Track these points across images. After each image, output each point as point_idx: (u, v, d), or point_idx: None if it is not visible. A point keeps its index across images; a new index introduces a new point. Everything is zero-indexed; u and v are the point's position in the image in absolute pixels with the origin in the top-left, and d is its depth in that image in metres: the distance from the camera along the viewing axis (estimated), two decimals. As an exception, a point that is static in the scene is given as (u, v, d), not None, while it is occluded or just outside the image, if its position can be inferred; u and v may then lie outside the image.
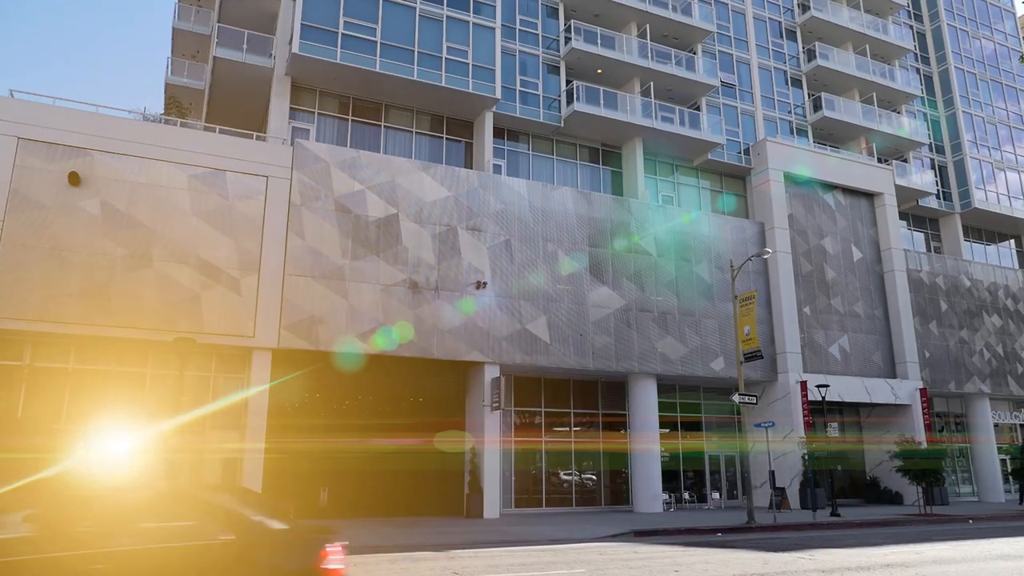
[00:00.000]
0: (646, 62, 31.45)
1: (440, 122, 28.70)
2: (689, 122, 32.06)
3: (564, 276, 27.15)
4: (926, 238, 39.97)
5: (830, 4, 38.52)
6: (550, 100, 30.17)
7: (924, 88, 41.79)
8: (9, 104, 20.86)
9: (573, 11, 31.72)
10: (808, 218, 33.80)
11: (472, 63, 27.63)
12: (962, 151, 40.45)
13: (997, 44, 45.02)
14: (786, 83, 36.83)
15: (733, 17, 36.21)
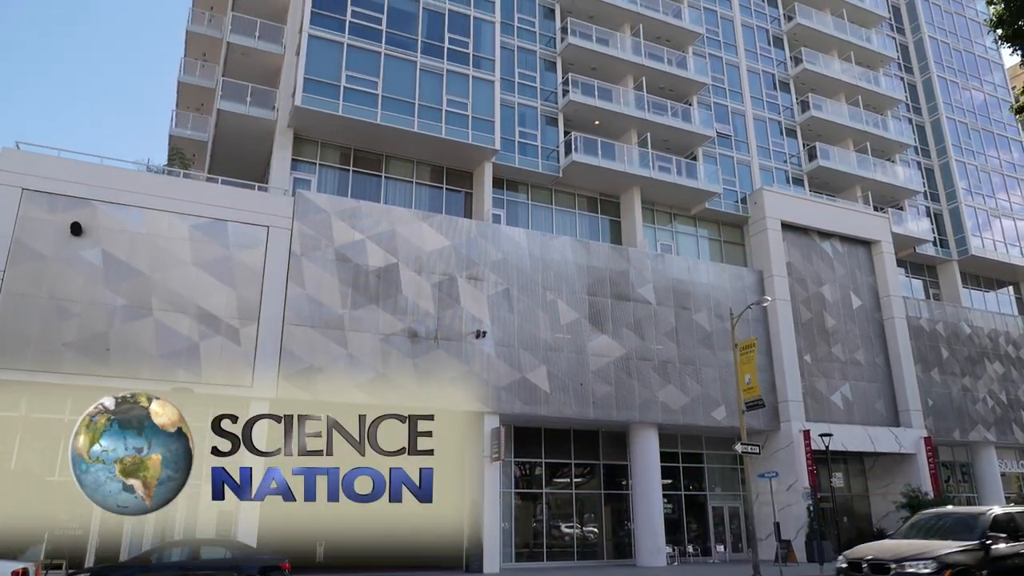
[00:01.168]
0: (643, 113, 31.98)
1: (440, 172, 29.03)
2: (686, 172, 32.44)
3: (564, 325, 27.12)
4: (925, 285, 40.07)
5: (822, 57, 39.36)
6: (549, 151, 30.58)
7: (917, 137, 42.42)
8: (14, 156, 21.12)
9: (571, 64, 32.38)
10: (806, 266, 33.94)
11: (472, 115, 28.09)
12: (957, 199, 40.85)
13: (987, 95, 45.87)
14: (781, 133, 37.40)
15: (727, 69, 36.95)
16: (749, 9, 39.20)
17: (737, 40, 37.91)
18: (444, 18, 29.06)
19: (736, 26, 38.19)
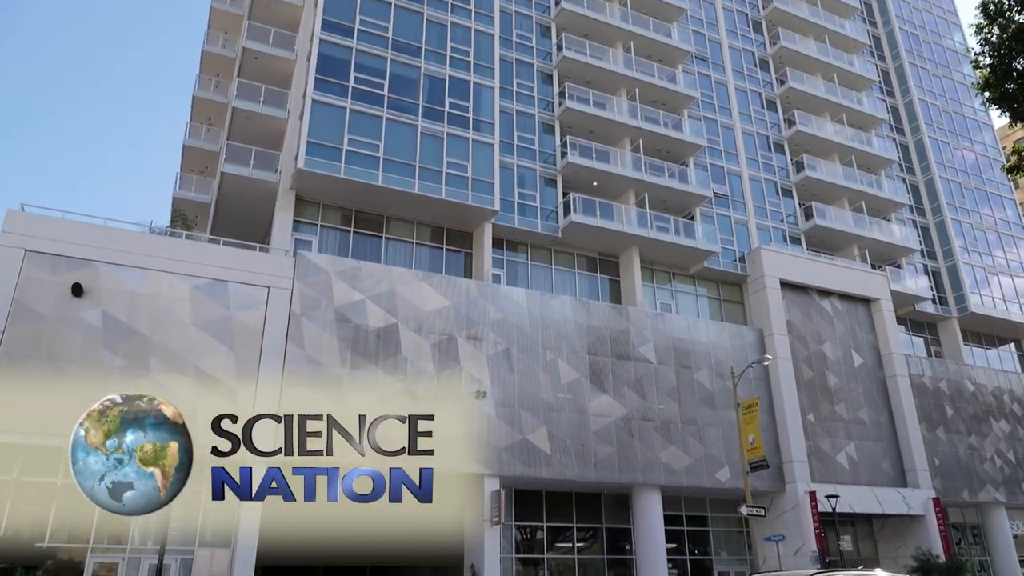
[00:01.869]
0: (640, 175, 32.46)
1: (440, 233, 29.28)
2: (684, 231, 32.73)
3: (564, 385, 26.92)
4: (926, 343, 39.95)
5: (814, 119, 40.18)
6: (548, 211, 30.92)
7: (911, 196, 42.94)
8: (19, 218, 21.34)
9: (569, 127, 33.02)
10: (806, 324, 33.90)
11: (472, 177, 28.51)
12: (953, 257, 41.10)
13: (978, 155, 46.65)
14: (777, 193, 37.88)
15: (722, 131, 37.66)
16: (742, 73, 40.20)
17: (731, 103, 38.75)
18: (444, 83, 29.78)
19: (730, 90, 39.09)
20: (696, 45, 38.77)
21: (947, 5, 52.48)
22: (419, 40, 30.07)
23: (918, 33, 48.81)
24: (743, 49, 41.12)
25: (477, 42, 31.45)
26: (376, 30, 29.29)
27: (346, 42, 28.41)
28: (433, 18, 30.82)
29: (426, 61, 29.82)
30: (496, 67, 31.42)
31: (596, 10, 35.57)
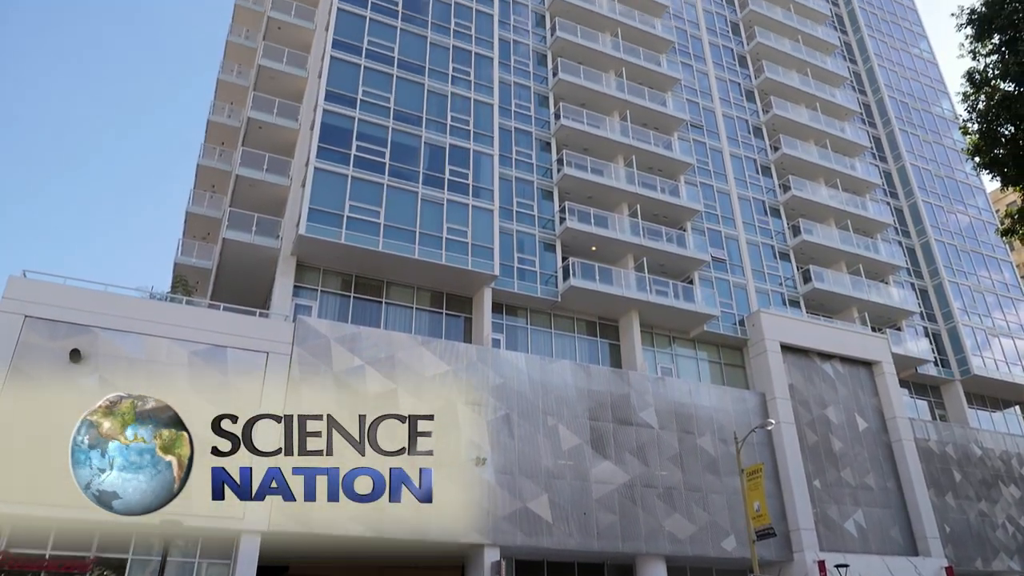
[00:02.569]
0: (638, 239, 32.76)
1: (440, 298, 29.35)
2: (683, 295, 32.83)
3: (565, 451, 26.53)
4: (930, 406, 39.56)
5: (809, 184, 40.80)
6: (547, 276, 31.07)
7: (908, 259, 43.23)
8: (20, 284, 21.42)
9: (567, 193, 33.49)
10: (809, 387, 33.64)
11: (471, 242, 28.76)
12: (953, 319, 41.09)
13: (972, 218, 47.17)
14: (775, 257, 38.15)
15: (719, 196, 38.19)
16: (736, 140, 41.03)
17: (726, 169, 39.42)
18: (445, 151, 30.37)
19: (725, 156, 39.83)
20: (691, 113, 39.71)
21: (934, 74, 53.95)
22: (420, 110, 30.80)
23: (907, 101, 50.03)
24: (737, 117, 42.07)
25: (477, 111, 32.21)
26: (378, 100, 30.03)
27: (349, 112, 29.09)
28: (434, 89, 31.64)
29: (427, 130, 30.48)
30: (495, 135, 32.09)
31: (592, 80, 36.56)
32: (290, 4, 33.97)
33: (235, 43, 36.59)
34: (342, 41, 30.57)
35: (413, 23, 32.89)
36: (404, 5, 33.05)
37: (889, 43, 52.67)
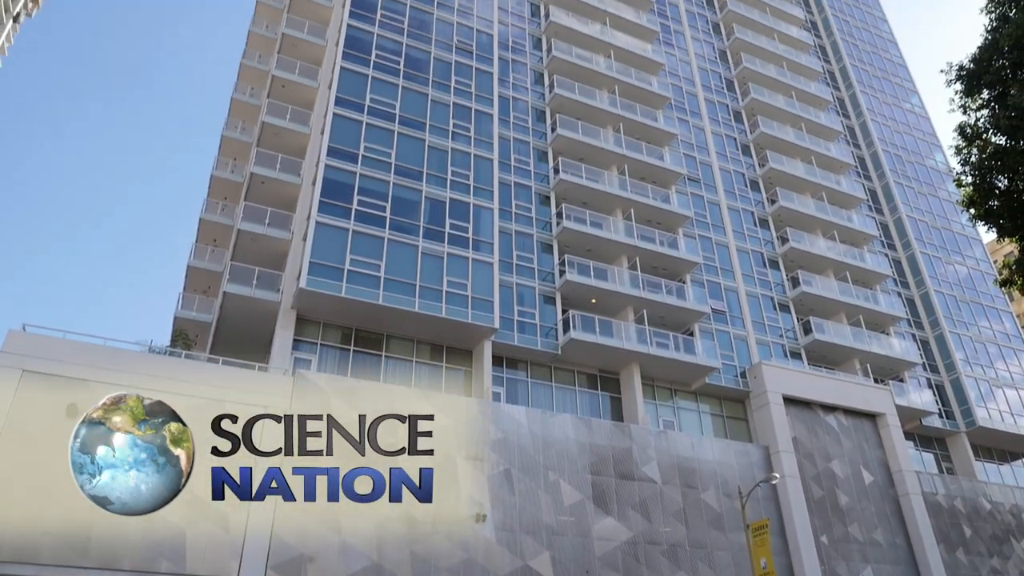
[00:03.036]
0: (638, 291, 32.82)
1: (440, 351, 29.25)
2: (684, 348, 32.72)
3: (567, 507, 26.07)
4: (936, 459, 39.03)
5: (807, 236, 41.07)
6: (547, 329, 31.03)
7: (908, 310, 43.22)
8: (19, 338, 21.37)
9: (567, 246, 33.69)
10: (813, 440, 33.25)
11: (471, 295, 28.82)
12: (956, 370, 40.86)
13: (970, 269, 47.34)
14: (774, 308, 38.16)
15: (718, 249, 38.41)
16: (733, 193, 41.48)
17: (724, 221, 39.75)
18: (445, 205, 30.68)
19: (722, 209, 40.20)
20: (688, 167, 40.25)
21: (926, 128, 54.86)
22: (421, 165, 31.24)
23: (901, 154, 50.75)
24: (733, 170, 42.62)
25: (477, 166, 32.66)
26: (380, 155, 30.49)
27: (350, 167, 29.50)
28: (434, 144, 32.15)
29: (427, 184, 30.86)
30: (495, 189, 32.47)
31: (591, 136, 37.17)
32: (294, 63, 34.77)
33: (240, 101, 37.32)
34: (345, 99, 31.20)
35: (414, 81, 33.63)
36: (406, 64, 33.85)
37: (881, 98, 53.72)
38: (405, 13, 35.77)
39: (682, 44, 47.22)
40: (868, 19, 60.06)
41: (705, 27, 49.70)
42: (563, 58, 39.34)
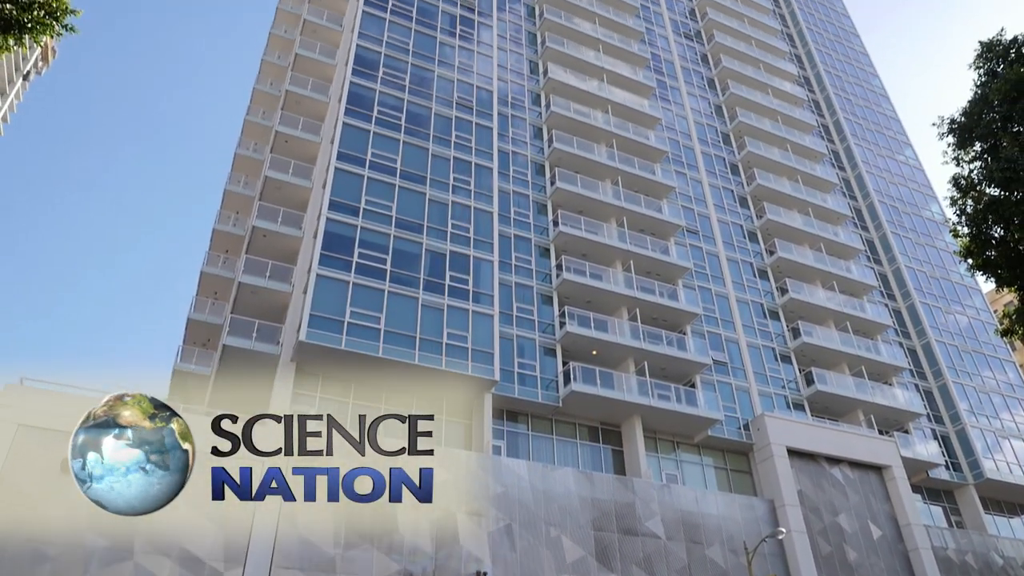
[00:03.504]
0: (639, 343, 32.71)
1: (440, 404, 29.02)
2: (686, 399, 32.46)
3: (569, 564, 25.50)
4: (944, 512, 38.30)
5: (806, 286, 41.15)
6: (548, 381, 30.84)
7: (910, 361, 43.00)
8: (17, 391, 21.26)
9: (567, 297, 33.74)
10: (819, 494, 32.70)
11: (472, 347, 28.73)
12: (961, 421, 40.43)
13: (971, 318, 47.26)
14: (776, 359, 37.98)
15: (717, 300, 38.44)
16: (732, 245, 41.72)
17: (724, 273, 39.88)
18: (445, 258, 30.84)
19: (721, 260, 40.38)
20: (686, 219, 40.59)
21: (921, 179, 55.49)
22: (421, 218, 31.52)
23: (897, 205, 51.22)
24: (732, 222, 42.96)
25: (477, 219, 32.95)
26: (381, 209, 30.79)
27: (351, 220, 29.76)
28: (435, 198, 32.50)
29: (428, 237, 31.08)
30: (495, 242, 32.68)
31: (590, 188, 37.60)
32: (297, 119, 35.41)
33: (243, 155, 37.86)
34: (347, 153, 31.68)
35: (415, 136, 34.19)
36: (407, 119, 34.46)
37: (875, 151, 54.49)
38: (407, 71, 36.60)
39: (678, 99, 48.14)
40: (860, 74, 61.37)
41: (700, 83, 50.76)
42: (562, 113, 40.07)
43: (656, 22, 52.61)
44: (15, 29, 10.94)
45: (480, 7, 42.80)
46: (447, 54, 39.03)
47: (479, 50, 40.56)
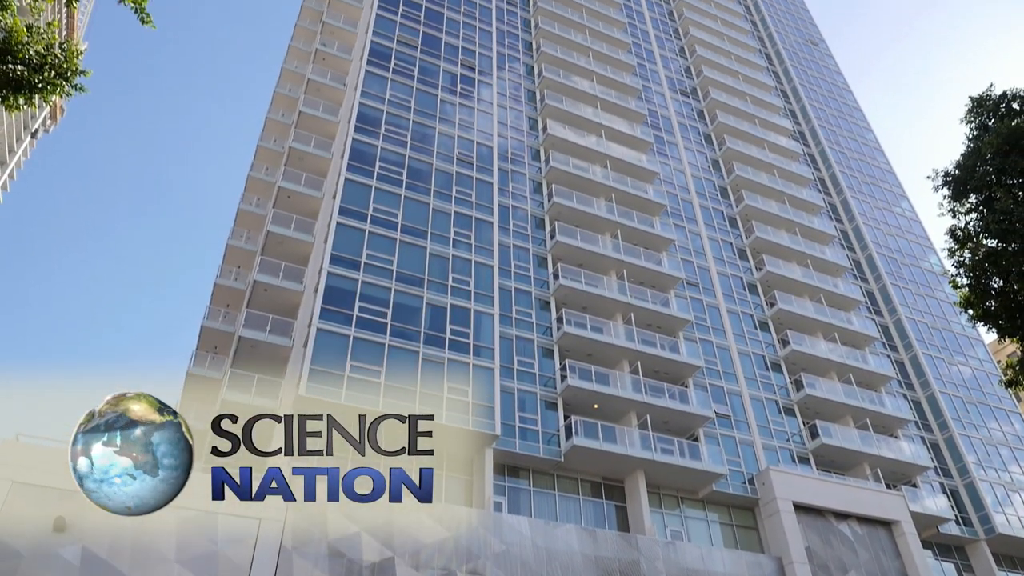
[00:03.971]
0: (640, 396, 32.46)
1: (440, 460, 28.64)
2: (689, 454, 32.04)
3: (573, 624, 24.79)
4: (957, 568, 37.38)
5: (807, 338, 41.03)
6: (549, 435, 30.51)
7: (915, 412, 42.58)
8: (11, 448, 21.02)
9: (567, 351, 33.63)
10: (827, 550, 31.98)
11: (472, 401, 28.51)
12: (969, 474, 39.81)
13: (974, 369, 46.97)
14: (779, 412, 37.63)
15: (719, 352, 38.29)
16: (732, 297, 41.77)
17: (725, 325, 39.83)
18: (446, 312, 30.87)
19: (722, 312, 40.38)
20: (686, 271, 40.75)
21: (918, 231, 55.88)
22: (422, 272, 31.67)
23: (895, 257, 51.45)
24: (731, 275, 43.11)
25: (477, 273, 33.10)
26: (381, 263, 30.96)
27: (352, 274, 29.89)
28: (436, 252, 32.72)
29: (429, 291, 31.17)
30: (496, 295, 32.76)
31: (589, 242, 37.86)
32: (300, 175, 35.91)
33: (246, 210, 38.26)
34: (348, 208, 32.02)
35: (417, 191, 34.61)
36: (408, 175, 34.94)
37: (872, 203, 55.03)
38: (408, 127, 37.27)
39: (675, 154, 48.85)
40: (854, 128, 62.42)
41: (697, 137, 51.60)
42: (561, 168, 40.62)
43: (652, 79, 53.78)
44: (26, 89, 11.17)
45: (480, 66, 43.82)
46: (448, 111, 39.80)
47: (479, 107, 41.37)
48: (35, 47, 11.23)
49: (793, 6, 74.89)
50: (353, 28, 44.91)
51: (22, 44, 11.09)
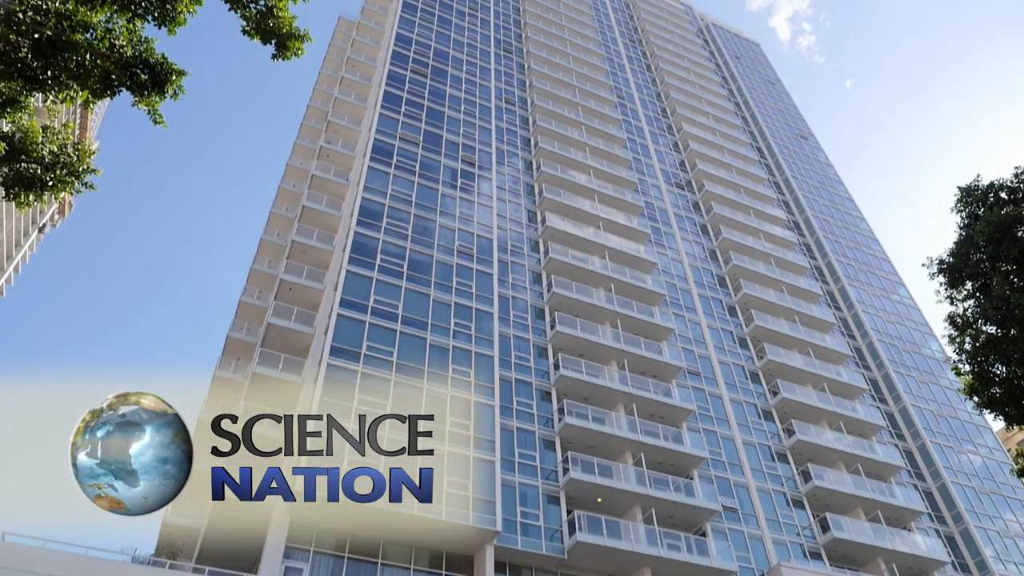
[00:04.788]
0: (645, 489, 31.70)
1: (439, 557, 27.70)
2: (697, 549, 31.01)
3: None
4: (983, 674, 35.50)
5: (812, 428, 40.41)
6: (552, 531, 29.62)
7: (927, 503, 41.46)
8: None
9: (569, 443, 33.08)
10: (845, 653, 30.44)
11: (472, 496, 27.82)
12: (989, 569, 38.35)
13: (984, 458, 46.02)
14: (788, 504, 36.64)
15: (723, 443, 37.65)
16: (735, 386, 41.43)
17: (728, 415, 39.33)
18: (446, 403, 30.57)
19: (725, 402, 39.95)
20: (687, 361, 40.57)
21: (918, 318, 55.98)
22: (422, 363, 31.58)
23: (896, 344, 51.34)
24: (732, 363, 42.91)
25: (477, 364, 32.96)
26: (382, 354, 30.93)
27: (352, 366, 29.80)
28: (436, 343, 32.71)
29: (428, 382, 30.96)
30: (496, 386, 32.51)
31: (589, 332, 37.88)
32: (302, 268, 36.32)
33: (247, 302, 38.48)
34: (349, 300, 32.24)
35: (417, 283, 34.92)
36: (409, 267, 35.35)
37: (870, 291, 55.39)
38: (409, 221, 37.97)
39: (673, 244, 49.55)
40: (847, 218, 63.56)
41: (694, 228, 52.47)
42: (560, 259, 41.11)
43: (648, 172, 55.17)
44: (37, 186, 11.45)
45: (480, 161, 45.05)
46: (448, 204, 40.64)
47: (479, 200, 42.27)
48: (49, 146, 11.58)
49: (781, 102, 77.71)
50: (357, 126, 46.43)
51: (36, 144, 11.45)
